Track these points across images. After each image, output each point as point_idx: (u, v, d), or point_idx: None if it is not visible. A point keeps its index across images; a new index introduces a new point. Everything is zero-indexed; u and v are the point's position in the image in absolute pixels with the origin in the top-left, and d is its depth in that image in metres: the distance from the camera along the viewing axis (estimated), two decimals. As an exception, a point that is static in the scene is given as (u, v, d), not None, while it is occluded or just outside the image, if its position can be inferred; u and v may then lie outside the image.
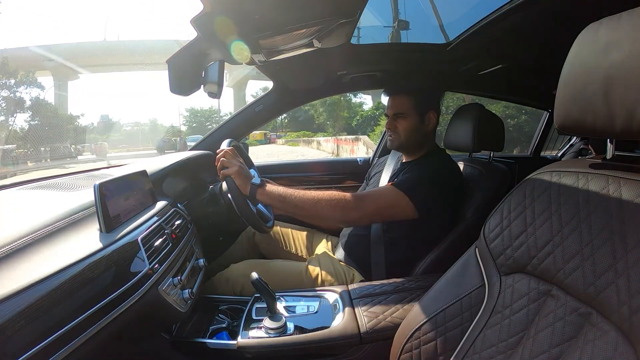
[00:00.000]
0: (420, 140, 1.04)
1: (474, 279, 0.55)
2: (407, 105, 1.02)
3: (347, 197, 0.85)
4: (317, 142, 20.08)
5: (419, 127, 1.02)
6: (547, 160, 2.16)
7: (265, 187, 0.89)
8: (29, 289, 0.40)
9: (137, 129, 42.47)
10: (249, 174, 0.91)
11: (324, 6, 0.67)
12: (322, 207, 0.84)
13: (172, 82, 0.91)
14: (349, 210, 0.84)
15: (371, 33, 1.18)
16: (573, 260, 0.42)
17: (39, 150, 18.54)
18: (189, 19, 0.70)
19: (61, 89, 25.85)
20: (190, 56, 0.89)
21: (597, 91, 0.40)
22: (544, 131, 2.05)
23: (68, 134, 22.02)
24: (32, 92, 21.22)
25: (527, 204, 0.50)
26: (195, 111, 35.70)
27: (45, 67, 24.61)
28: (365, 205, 0.85)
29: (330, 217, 0.85)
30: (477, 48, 1.11)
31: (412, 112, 1.02)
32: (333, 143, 16.71)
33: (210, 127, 35.82)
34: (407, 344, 0.58)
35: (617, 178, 0.42)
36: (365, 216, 0.87)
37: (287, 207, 0.88)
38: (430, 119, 1.02)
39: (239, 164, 0.91)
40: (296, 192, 0.88)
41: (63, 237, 0.53)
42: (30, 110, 20.77)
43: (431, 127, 1.03)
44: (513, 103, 2.88)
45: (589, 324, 0.39)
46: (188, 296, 0.70)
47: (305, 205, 0.85)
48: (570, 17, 0.79)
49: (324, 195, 0.85)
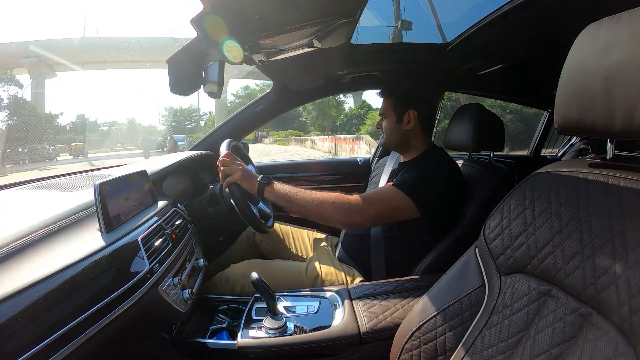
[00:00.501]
0: (401, 139, 1.05)
1: (474, 279, 0.55)
2: (387, 106, 1.06)
3: (351, 200, 0.86)
4: (312, 141, 19.37)
5: (397, 127, 1.04)
6: (547, 160, 2.17)
7: (273, 186, 0.90)
8: (29, 289, 0.40)
9: (115, 128, 41.02)
10: (253, 174, 0.91)
11: (324, 6, 0.67)
12: (325, 209, 0.85)
13: (172, 82, 0.91)
14: (352, 213, 0.84)
15: (371, 33, 1.19)
16: (573, 260, 0.42)
17: (17, 151, 17.87)
18: (189, 19, 0.70)
19: (38, 87, 24.49)
20: (190, 56, 0.89)
21: (597, 91, 0.40)
22: (544, 131, 2.05)
23: (47, 134, 21.19)
24: (9, 89, 20.34)
25: (527, 204, 0.50)
26: (175, 110, 34.93)
27: (22, 64, 23.41)
28: (368, 208, 0.85)
29: (333, 219, 0.86)
30: (477, 48, 1.11)
31: (390, 113, 1.05)
32: (330, 142, 16.32)
33: (189, 127, 33.10)
34: (407, 344, 0.58)
35: (618, 178, 0.42)
36: (368, 220, 0.88)
37: (292, 207, 0.88)
38: (409, 118, 1.02)
39: (241, 168, 0.91)
40: (301, 192, 0.88)
41: (63, 237, 0.53)
42: (8, 109, 19.86)
43: (410, 126, 1.03)
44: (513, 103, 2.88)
45: (589, 324, 0.39)
46: (188, 296, 0.70)
47: (309, 206, 0.86)
48: (570, 17, 0.79)
49: (328, 198, 0.86)
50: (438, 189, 0.90)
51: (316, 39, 0.80)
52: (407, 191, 0.87)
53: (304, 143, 20.58)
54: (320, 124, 26.45)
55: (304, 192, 0.88)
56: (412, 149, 1.06)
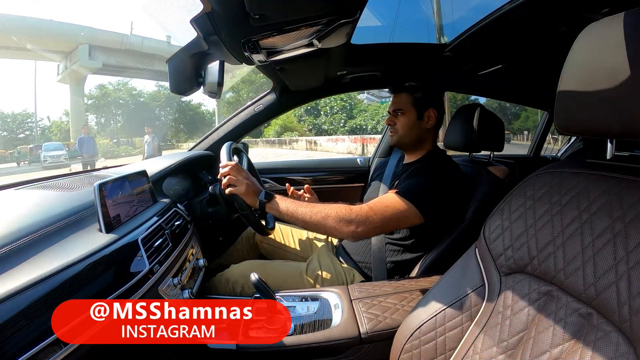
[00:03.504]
0: (418, 137, 1.04)
1: (474, 279, 0.55)
2: (407, 101, 1.03)
3: (354, 211, 0.85)
4: (314, 142, 15.56)
5: (417, 124, 1.02)
6: (547, 160, 2.16)
7: (274, 203, 0.88)
8: (29, 289, 0.40)
9: None
10: (257, 189, 0.90)
11: (323, 6, 0.67)
12: (330, 224, 0.84)
13: (171, 81, 0.92)
14: (356, 225, 0.83)
15: (371, 33, 1.18)
16: (574, 261, 0.42)
17: None
18: (189, 19, 0.70)
19: None
20: (190, 56, 0.89)
21: (597, 91, 0.40)
22: (544, 131, 2.05)
23: None
24: None
25: (528, 205, 0.50)
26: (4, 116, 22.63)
27: None
28: (373, 219, 0.84)
29: (338, 232, 0.85)
30: (477, 48, 1.11)
31: (410, 109, 1.02)
32: (353, 142, 13.25)
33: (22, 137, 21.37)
34: (407, 344, 0.58)
35: (618, 179, 0.42)
36: (373, 230, 0.86)
37: (296, 222, 0.87)
38: (429, 117, 1.02)
39: (246, 182, 0.89)
40: (304, 206, 0.87)
41: (63, 237, 0.53)
42: None
43: (430, 124, 1.03)
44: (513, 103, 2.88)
45: (590, 324, 0.39)
46: (188, 296, 0.70)
47: (313, 221, 0.85)
48: (570, 17, 0.79)
49: (331, 211, 0.85)
50: (442, 195, 0.90)
51: (316, 39, 0.80)
52: (412, 199, 0.86)
53: (289, 144, 16.69)
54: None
55: (307, 206, 0.87)
56: (422, 149, 1.05)
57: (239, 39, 0.79)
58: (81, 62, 17.05)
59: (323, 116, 20.85)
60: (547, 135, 2.09)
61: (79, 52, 16.87)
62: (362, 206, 0.86)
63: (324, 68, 1.20)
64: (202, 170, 1.24)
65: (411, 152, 1.08)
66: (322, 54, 0.95)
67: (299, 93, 1.47)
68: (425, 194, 0.88)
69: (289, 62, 1.01)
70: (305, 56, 0.94)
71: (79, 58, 17.00)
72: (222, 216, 1.01)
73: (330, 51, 0.93)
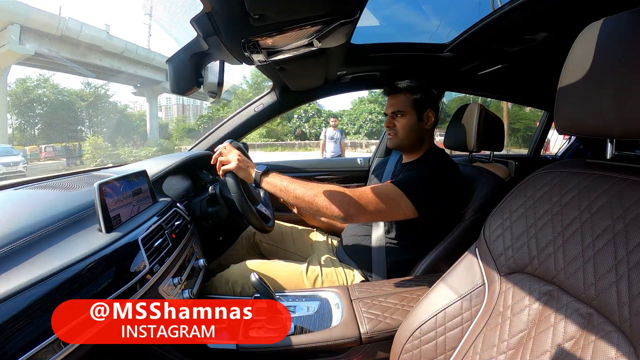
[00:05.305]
0: (418, 139, 1.04)
1: (474, 279, 0.55)
2: (406, 103, 1.03)
3: (347, 192, 0.85)
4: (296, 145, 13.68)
5: (417, 125, 1.02)
6: (547, 160, 2.17)
7: (269, 175, 0.89)
8: (29, 289, 0.40)
9: None
10: (250, 163, 0.91)
11: (323, 6, 0.67)
12: (321, 201, 0.84)
13: (171, 81, 0.91)
14: (348, 205, 0.83)
15: (371, 33, 1.18)
16: (574, 261, 0.42)
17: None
18: (189, 19, 0.70)
19: None
20: (190, 56, 0.89)
21: (597, 91, 0.40)
22: (543, 131, 2.05)
23: None
24: None
25: (528, 205, 0.50)
26: None
27: None
28: (365, 202, 0.84)
29: (330, 211, 0.84)
30: (477, 48, 1.11)
31: (411, 110, 1.02)
32: None
33: None
34: (407, 344, 0.58)
35: (619, 179, 0.42)
36: (364, 213, 0.85)
37: (288, 197, 0.87)
38: (428, 118, 1.02)
39: (238, 157, 0.90)
40: (298, 183, 0.87)
41: (63, 237, 0.53)
42: None
43: (429, 125, 1.03)
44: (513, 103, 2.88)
45: (590, 324, 0.39)
46: (188, 296, 0.70)
47: (305, 197, 0.85)
48: (570, 17, 0.79)
49: (324, 189, 0.85)
50: (437, 191, 0.90)
51: (316, 39, 0.80)
52: (406, 190, 0.86)
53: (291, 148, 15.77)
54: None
55: (301, 183, 0.87)
56: (420, 149, 1.05)
57: (239, 39, 0.79)
58: (9, 46, 12.87)
59: (297, 120, 20.60)
60: (547, 135, 2.09)
61: (9, 33, 12.76)
62: (355, 189, 0.86)
63: (324, 68, 1.20)
64: (202, 170, 1.24)
65: (412, 153, 1.08)
66: (322, 54, 0.95)
67: (299, 93, 1.47)
68: (420, 188, 0.88)
69: (289, 62, 1.01)
70: (305, 56, 0.94)
71: (7, 41, 12.85)
72: (222, 216, 1.02)
73: (330, 51, 0.93)
